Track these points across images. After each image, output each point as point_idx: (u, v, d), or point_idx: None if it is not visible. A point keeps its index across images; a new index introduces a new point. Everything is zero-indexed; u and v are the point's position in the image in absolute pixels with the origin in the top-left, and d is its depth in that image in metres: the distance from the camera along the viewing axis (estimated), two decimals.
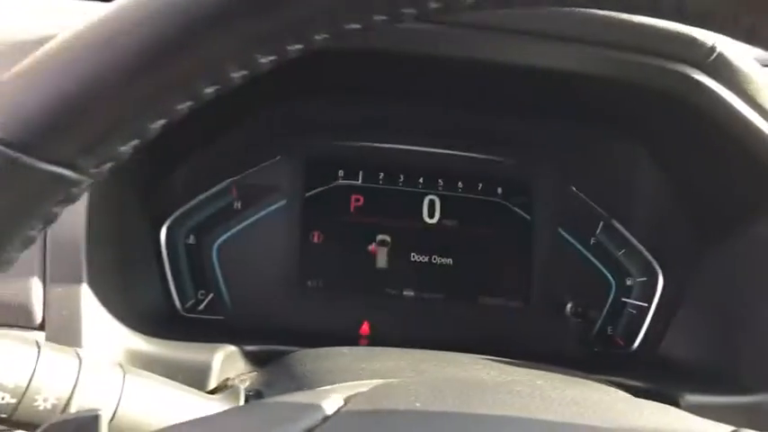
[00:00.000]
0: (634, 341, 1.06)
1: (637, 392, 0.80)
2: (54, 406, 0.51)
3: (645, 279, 1.07)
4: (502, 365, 0.73)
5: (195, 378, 0.72)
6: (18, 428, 0.51)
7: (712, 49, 0.71)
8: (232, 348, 0.78)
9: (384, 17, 0.35)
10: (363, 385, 0.51)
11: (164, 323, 0.92)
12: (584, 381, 0.71)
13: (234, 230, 1.03)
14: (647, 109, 0.86)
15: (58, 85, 0.33)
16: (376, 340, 0.98)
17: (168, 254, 0.99)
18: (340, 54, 0.78)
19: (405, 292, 1.06)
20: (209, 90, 0.36)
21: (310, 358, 0.73)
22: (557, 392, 0.52)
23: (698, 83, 0.73)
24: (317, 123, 1.04)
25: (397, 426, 0.44)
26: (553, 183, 1.08)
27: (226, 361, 0.76)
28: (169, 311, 0.97)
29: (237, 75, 0.36)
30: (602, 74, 0.78)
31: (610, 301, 1.07)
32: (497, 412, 0.46)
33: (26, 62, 0.34)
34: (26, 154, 0.33)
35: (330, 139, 1.06)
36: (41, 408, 0.51)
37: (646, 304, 1.06)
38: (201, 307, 1.01)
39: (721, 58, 0.71)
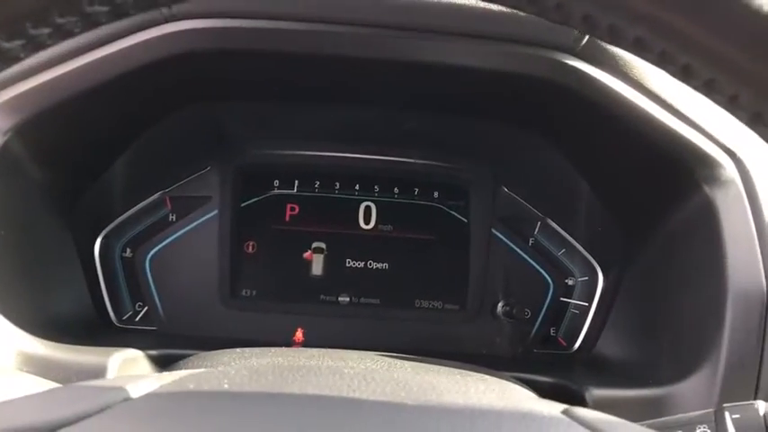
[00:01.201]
0: (575, 342, 1.04)
1: (543, 387, 0.78)
2: None
3: (586, 278, 1.06)
4: (393, 360, 0.72)
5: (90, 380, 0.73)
6: None
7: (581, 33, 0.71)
8: (134, 352, 0.79)
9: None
10: (190, 374, 0.51)
11: (94, 334, 0.93)
12: (457, 370, 0.69)
13: (166, 242, 1.05)
14: (545, 103, 0.85)
15: None
16: (310, 347, 0.98)
17: (102, 267, 1.01)
18: (267, 57, 0.81)
19: (340, 298, 1.06)
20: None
21: (201, 358, 0.74)
22: (386, 375, 0.51)
23: (572, 68, 0.73)
24: (248, 132, 1.06)
25: (189, 403, 0.44)
26: (486, 184, 1.08)
27: (124, 364, 0.77)
28: (100, 322, 0.98)
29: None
30: (488, 67, 0.79)
31: (548, 301, 1.06)
32: (302, 391, 0.46)
33: None
34: None
35: (263, 148, 1.08)
36: None
37: (587, 304, 1.05)
38: (137, 318, 1.03)
39: (592, 42, 0.71)
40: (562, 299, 1.07)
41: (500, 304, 1.04)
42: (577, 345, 1.04)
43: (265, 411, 0.44)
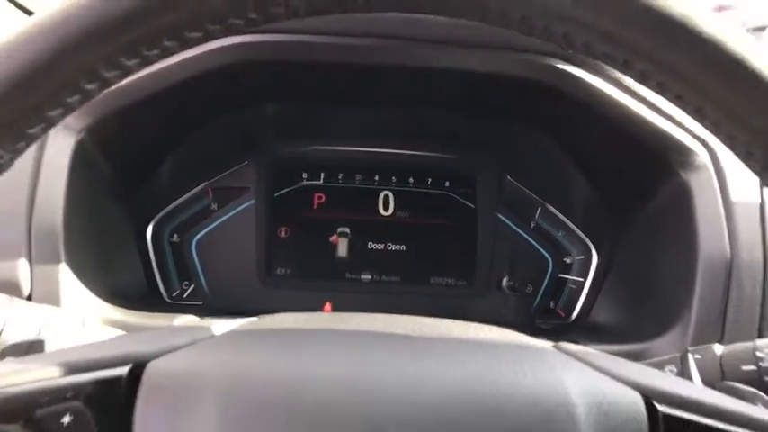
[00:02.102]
0: (573, 312, 1.17)
1: None
2: None
3: (582, 257, 1.19)
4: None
5: None
6: None
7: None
8: (193, 318, 0.93)
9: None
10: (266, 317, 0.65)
11: (149, 308, 1.07)
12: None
13: (209, 228, 1.18)
14: (542, 103, 0.98)
15: None
16: None
17: (154, 250, 1.15)
18: (302, 67, 0.94)
19: (363, 277, 1.20)
20: (91, 87, 0.51)
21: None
22: (416, 322, 0.64)
23: (561, 71, 0.85)
24: (280, 130, 1.19)
25: (268, 336, 0.58)
26: (492, 174, 1.20)
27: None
28: (153, 298, 1.12)
29: (111, 75, 0.51)
30: (498, 72, 0.92)
31: (548, 277, 1.19)
32: (361, 328, 0.59)
33: None
34: None
35: (294, 145, 1.21)
36: None
37: (582, 279, 1.17)
38: (185, 295, 1.17)
39: None
40: (561, 275, 1.19)
41: (505, 280, 1.17)
42: (574, 315, 1.16)
43: (337, 341, 0.57)
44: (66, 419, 0.50)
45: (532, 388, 0.51)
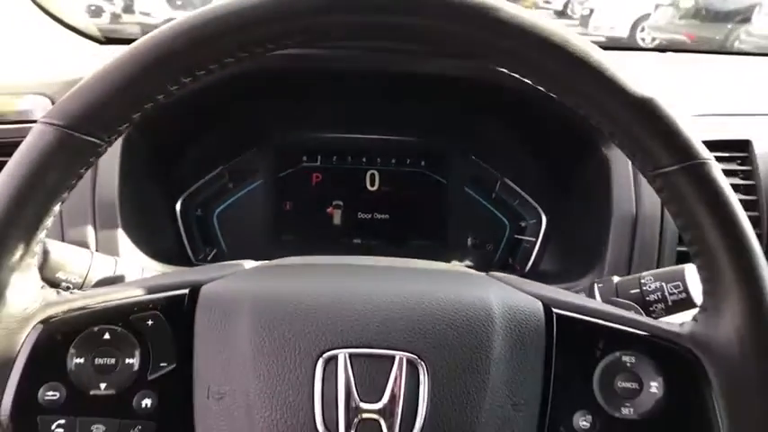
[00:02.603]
0: (526, 266, 1.41)
1: None
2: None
3: (534, 221, 1.42)
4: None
5: None
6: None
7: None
8: None
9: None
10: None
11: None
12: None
13: (227, 203, 1.42)
14: (495, 97, 1.23)
15: (91, 91, 0.70)
16: None
17: (183, 222, 1.40)
18: (299, 71, 1.18)
19: (354, 241, 1.43)
20: (173, 88, 0.72)
21: None
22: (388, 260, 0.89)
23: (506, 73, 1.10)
24: (283, 122, 1.44)
25: (285, 269, 0.82)
26: (459, 155, 1.44)
27: None
28: (184, 261, 1.37)
29: (187, 80, 0.71)
30: (453, 74, 1.17)
31: (506, 238, 1.43)
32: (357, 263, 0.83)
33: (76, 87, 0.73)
34: (75, 131, 0.71)
35: (295, 134, 1.45)
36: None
37: (534, 239, 1.42)
38: (209, 258, 1.42)
39: None
40: (516, 236, 1.43)
41: (470, 240, 1.41)
42: (528, 268, 1.41)
43: (333, 269, 0.80)
44: (150, 323, 0.71)
45: (463, 294, 0.73)
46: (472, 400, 0.68)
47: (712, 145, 1.12)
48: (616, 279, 0.97)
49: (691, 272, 0.91)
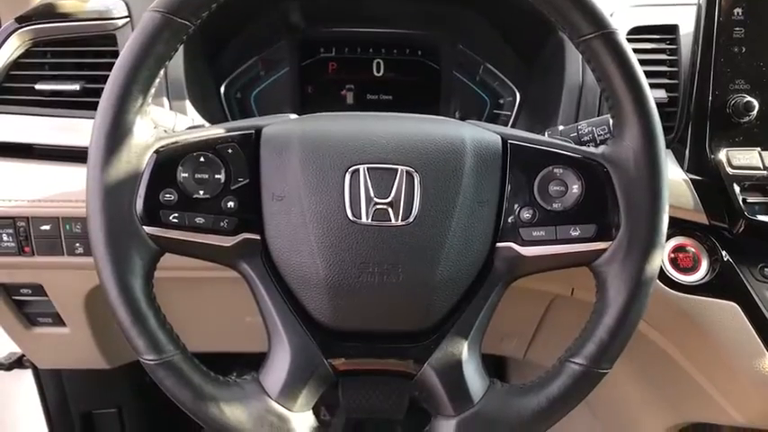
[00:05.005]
0: None
1: None
2: None
3: (510, 98, 1.70)
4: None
5: None
6: None
7: None
8: None
9: None
10: None
11: None
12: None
13: (261, 87, 1.70)
14: None
15: None
16: None
17: (226, 103, 1.71)
18: None
19: None
20: None
21: None
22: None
23: None
24: (305, 19, 1.71)
25: (320, 117, 1.13)
26: (449, 45, 1.69)
27: None
28: None
29: None
30: None
31: (486, 112, 1.72)
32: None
33: None
34: (174, 16, 0.93)
35: (315, 29, 1.70)
36: None
37: (510, 113, 1.70)
38: None
39: None
40: (495, 111, 1.69)
41: (457, 114, 1.69)
42: None
43: (355, 117, 1.07)
44: (230, 150, 0.96)
45: (446, 129, 1.00)
46: (450, 198, 0.95)
47: (648, 29, 1.45)
48: (561, 128, 1.24)
49: None
